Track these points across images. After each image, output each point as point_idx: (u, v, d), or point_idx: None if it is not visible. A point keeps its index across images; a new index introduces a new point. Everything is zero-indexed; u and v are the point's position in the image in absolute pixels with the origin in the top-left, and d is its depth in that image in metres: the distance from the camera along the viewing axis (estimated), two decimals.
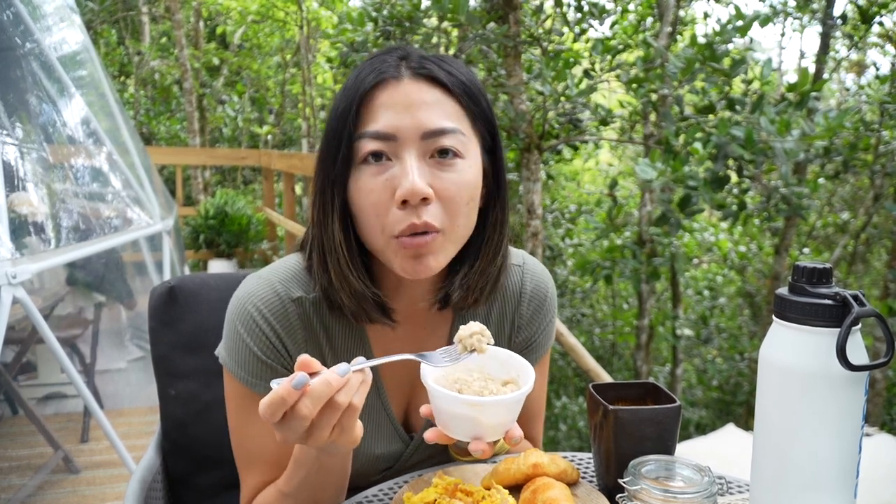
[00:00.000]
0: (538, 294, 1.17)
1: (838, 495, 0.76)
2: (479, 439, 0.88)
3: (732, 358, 8.22)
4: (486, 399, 0.86)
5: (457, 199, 0.96)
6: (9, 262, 2.58)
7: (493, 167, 1.04)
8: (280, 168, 6.67)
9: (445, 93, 0.97)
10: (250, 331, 1.02)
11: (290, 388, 0.77)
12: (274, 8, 11.29)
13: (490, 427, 0.87)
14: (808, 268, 0.76)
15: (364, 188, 0.95)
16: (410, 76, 0.96)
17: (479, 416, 0.86)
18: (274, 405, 0.77)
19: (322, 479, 0.94)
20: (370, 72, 0.97)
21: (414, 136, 0.94)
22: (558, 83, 3.78)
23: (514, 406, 0.88)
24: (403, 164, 0.93)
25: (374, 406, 1.11)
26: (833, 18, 5.85)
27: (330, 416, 0.80)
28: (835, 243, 7.89)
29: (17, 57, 3.52)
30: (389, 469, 1.15)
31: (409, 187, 0.91)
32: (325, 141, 0.99)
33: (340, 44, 4.49)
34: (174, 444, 1.33)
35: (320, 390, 0.77)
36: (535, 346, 1.18)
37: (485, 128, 1.02)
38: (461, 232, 0.99)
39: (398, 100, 0.94)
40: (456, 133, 0.95)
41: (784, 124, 3.14)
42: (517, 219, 6.90)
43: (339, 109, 0.97)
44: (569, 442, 7.14)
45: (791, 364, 0.75)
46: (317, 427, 0.80)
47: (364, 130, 0.95)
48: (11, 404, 3.75)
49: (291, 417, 0.78)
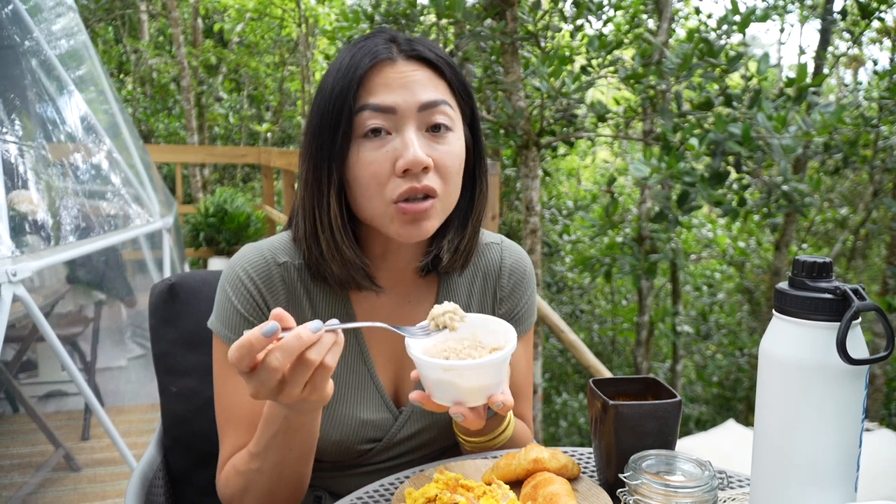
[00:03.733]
0: (518, 268, 1.24)
1: (839, 489, 0.76)
2: (460, 404, 0.90)
3: (732, 354, 8.23)
4: (461, 363, 0.88)
5: (450, 168, 1.03)
6: (9, 259, 2.57)
7: (474, 139, 1.13)
8: (279, 166, 6.66)
9: (435, 71, 1.05)
10: (235, 289, 1.08)
11: (258, 335, 0.78)
12: (272, 5, 11.27)
13: (469, 391, 0.89)
14: (807, 262, 0.76)
15: (364, 160, 1.01)
16: (404, 57, 1.03)
17: (456, 380, 0.88)
18: (242, 349, 0.79)
19: (290, 440, 0.95)
20: (364, 54, 1.02)
21: (412, 109, 1.01)
22: (555, 80, 3.78)
23: (491, 370, 0.90)
24: (404, 137, 1.00)
25: (359, 371, 1.14)
26: (833, 13, 5.84)
27: (301, 372, 0.81)
28: (834, 239, 7.90)
29: (17, 55, 3.52)
30: (378, 442, 1.15)
31: (411, 157, 0.98)
32: (319, 118, 1.04)
33: (338, 41, 4.49)
34: (175, 441, 1.33)
35: (291, 344, 0.79)
36: (519, 318, 1.23)
37: (466, 103, 1.10)
38: (452, 199, 1.07)
39: (394, 77, 1.01)
40: (447, 105, 1.04)
41: (781, 120, 3.14)
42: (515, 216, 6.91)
43: (335, 89, 1.02)
44: (569, 438, 7.16)
45: (791, 358, 0.76)
46: (288, 383, 0.82)
47: (364, 103, 1.00)
48: (12, 402, 3.75)
49: (262, 369, 0.80)
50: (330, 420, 1.12)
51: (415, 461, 1.19)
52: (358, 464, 1.18)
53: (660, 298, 8.68)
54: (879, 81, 4.98)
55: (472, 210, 1.14)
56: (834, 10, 5.87)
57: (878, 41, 7.23)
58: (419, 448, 1.19)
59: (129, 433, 3.47)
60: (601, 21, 4.74)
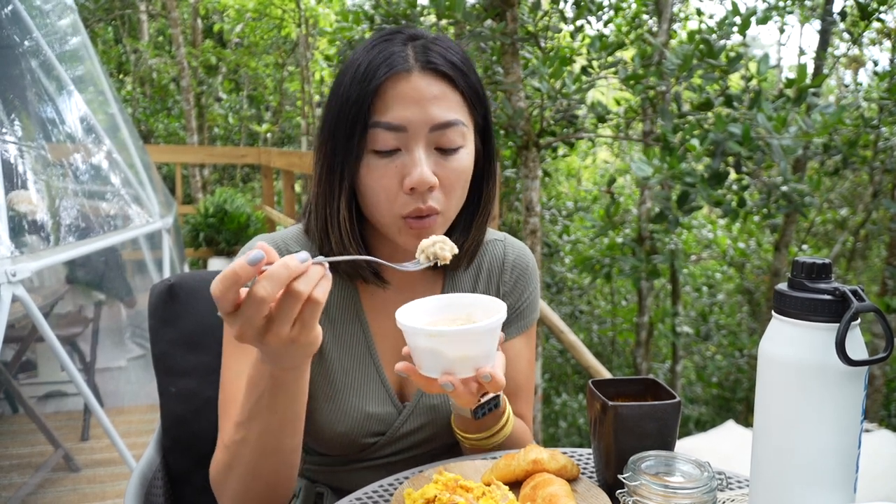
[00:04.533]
0: (520, 263, 1.26)
1: (838, 490, 0.76)
2: (448, 374, 0.90)
3: (732, 354, 8.23)
4: (446, 329, 0.88)
5: (456, 185, 1.06)
6: (8, 260, 2.57)
7: (486, 145, 1.14)
8: (279, 166, 6.66)
9: (450, 85, 1.05)
10: None
11: (243, 263, 0.74)
12: (271, 6, 11.27)
13: (456, 361, 0.89)
14: (807, 263, 0.76)
15: (375, 173, 1.03)
16: (419, 69, 1.03)
17: (442, 347, 0.88)
18: (226, 280, 0.74)
19: (275, 401, 0.91)
20: (381, 62, 1.02)
21: (423, 129, 1.02)
22: (555, 80, 3.78)
23: (477, 339, 0.89)
24: (412, 155, 1.02)
25: (366, 363, 1.16)
26: (832, 14, 5.84)
27: (290, 305, 0.77)
28: (834, 240, 7.90)
29: (16, 55, 3.52)
30: (382, 436, 1.16)
31: (418, 178, 1.00)
32: (334, 122, 1.05)
33: (338, 41, 4.49)
34: (174, 441, 1.33)
35: (279, 272, 0.75)
36: (521, 313, 1.25)
37: (479, 111, 1.11)
38: (454, 210, 1.10)
39: (409, 93, 1.01)
40: (459, 125, 1.04)
41: (781, 121, 3.14)
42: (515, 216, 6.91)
43: (351, 97, 1.02)
44: (569, 439, 7.17)
45: (790, 359, 0.76)
46: (275, 320, 0.78)
47: (378, 120, 1.01)
48: (11, 402, 3.75)
49: (248, 303, 0.75)
50: (336, 412, 1.13)
51: (418, 457, 1.20)
52: (361, 458, 1.19)
53: (659, 299, 8.68)
54: (880, 82, 4.98)
55: (477, 213, 1.16)
56: (834, 11, 5.87)
57: (878, 42, 7.23)
58: (422, 444, 1.19)
59: (129, 434, 3.46)
60: (601, 22, 4.74)
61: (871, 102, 5.01)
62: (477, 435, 1.11)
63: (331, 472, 1.22)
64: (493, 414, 1.08)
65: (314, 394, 1.14)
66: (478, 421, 1.08)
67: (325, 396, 1.14)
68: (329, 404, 1.14)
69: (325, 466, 1.22)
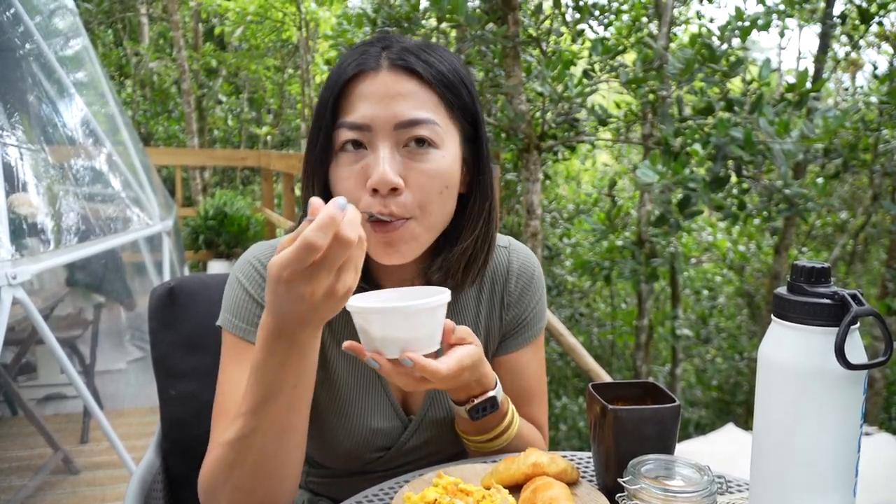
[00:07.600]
0: (525, 272, 1.20)
1: (838, 494, 0.77)
2: (376, 353, 0.89)
3: (732, 357, 8.23)
4: (364, 306, 0.89)
5: (428, 188, 0.98)
6: (9, 262, 2.57)
7: (475, 156, 1.07)
8: (279, 169, 6.66)
9: (422, 84, 0.99)
10: (248, 276, 1.07)
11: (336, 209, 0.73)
12: (272, 9, 11.28)
13: (380, 341, 0.89)
14: (806, 267, 0.76)
15: (341, 175, 1.00)
16: (388, 67, 0.99)
17: (366, 326, 0.89)
18: (325, 227, 0.73)
19: (290, 372, 0.86)
20: (351, 62, 1.00)
21: (387, 126, 0.97)
22: (557, 84, 3.79)
23: (400, 321, 0.88)
24: (376, 154, 0.97)
25: (371, 379, 1.13)
26: (832, 18, 5.85)
27: (357, 254, 0.78)
28: (833, 243, 7.90)
29: (17, 58, 3.52)
30: (388, 451, 1.15)
31: (378, 178, 0.95)
32: (311, 129, 1.05)
33: (339, 45, 4.49)
34: (174, 444, 1.33)
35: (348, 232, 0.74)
36: (527, 324, 1.20)
37: (465, 117, 1.04)
38: (435, 219, 1.02)
39: (374, 90, 0.98)
40: (429, 124, 0.98)
41: (783, 125, 3.14)
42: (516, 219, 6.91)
43: (321, 98, 1.02)
44: (569, 442, 7.15)
45: (790, 363, 0.76)
46: (344, 269, 0.77)
47: (342, 120, 0.99)
48: (11, 405, 3.75)
49: (322, 265, 0.75)
50: (342, 429, 1.11)
51: (422, 469, 1.18)
52: (365, 471, 1.17)
53: (659, 302, 8.68)
54: (879, 85, 4.99)
55: (461, 231, 1.08)
56: (833, 15, 5.88)
57: (877, 45, 7.24)
58: (428, 457, 1.18)
59: (128, 436, 3.46)
60: (602, 25, 4.75)
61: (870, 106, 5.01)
62: (478, 437, 1.10)
63: (335, 484, 1.21)
64: (493, 416, 1.07)
65: (320, 407, 1.12)
66: (476, 422, 1.07)
67: (331, 411, 1.12)
68: (335, 419, 1.12)
69: (328, 479, 1.21)
